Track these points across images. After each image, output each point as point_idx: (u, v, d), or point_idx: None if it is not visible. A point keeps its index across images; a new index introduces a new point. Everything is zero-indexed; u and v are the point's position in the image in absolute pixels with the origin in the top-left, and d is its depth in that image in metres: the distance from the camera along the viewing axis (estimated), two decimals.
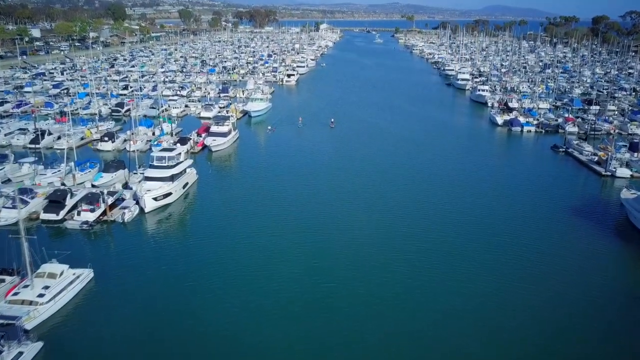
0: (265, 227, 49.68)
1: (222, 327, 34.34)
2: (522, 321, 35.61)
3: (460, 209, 55.59)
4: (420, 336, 34.07)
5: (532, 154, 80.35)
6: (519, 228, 51.02)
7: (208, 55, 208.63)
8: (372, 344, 33.05)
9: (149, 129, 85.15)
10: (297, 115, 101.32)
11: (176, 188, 55.66)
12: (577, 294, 39.19)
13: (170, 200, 54.55)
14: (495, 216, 53.92)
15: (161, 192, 53.08)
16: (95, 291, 38.05)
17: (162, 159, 56.13)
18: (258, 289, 38.89)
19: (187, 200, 56.99)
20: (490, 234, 49.64)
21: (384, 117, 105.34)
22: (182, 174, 57.80)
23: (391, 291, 39.00)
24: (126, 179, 59.57)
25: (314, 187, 61.31)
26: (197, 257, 43.72)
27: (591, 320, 36.13)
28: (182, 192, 57.22)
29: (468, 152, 79.14)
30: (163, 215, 52.45)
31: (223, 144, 76.22)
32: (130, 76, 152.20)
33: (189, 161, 60.64)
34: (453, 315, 36.29)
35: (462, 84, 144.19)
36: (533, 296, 38.65)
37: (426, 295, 38.70)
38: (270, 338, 33.40)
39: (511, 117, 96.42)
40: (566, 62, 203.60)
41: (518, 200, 58.51)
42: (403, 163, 72.25)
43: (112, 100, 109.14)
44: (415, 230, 49.79)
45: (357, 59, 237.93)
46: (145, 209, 51.83)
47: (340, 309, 36.65)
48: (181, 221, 52.45)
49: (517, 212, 55.15)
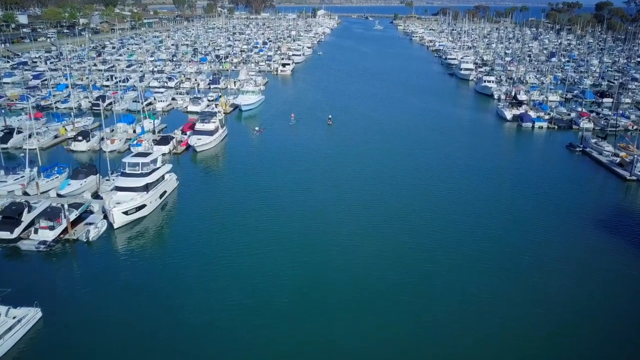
0: (254, 242, 43.49)
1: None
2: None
3: (467, 215, 49.62)
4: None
5: (546, 154, 73.83)
6: (531, 241, 45.05)
7: (201, 43, 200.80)
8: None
9: (130, 125, 78.55)
10: (291, 109, 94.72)
11: (152, 199, 49.18)
12: (604, 333, 33.27)
13: (144, 213, 48.07)
14: (504, 227, 47.78)
15: (133, 205, 46.57)
16: (43, 336, 31.77)
17: (135, 165, 49.63)
18: (248, 323, 32.84)
19: (165, 212, 50.50)
20: (498, 245, 43.76)
21: (385, 110, 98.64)
22: (159, 182, 51.30)
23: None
24: (97, 187, 53.10)
25: (310, 193, 54.89)
26: (175, 282, 37.59)
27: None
28: (159, 203, 50.73)
29: (475, 150, 72.74)
30: (136, 231, 46.07)
31: (209, 144, 69.51)
32: (117, 66, 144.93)
33: (167, 166, 54.10)
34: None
35: (465, 74, 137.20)
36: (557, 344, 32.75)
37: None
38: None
39: (521, 111, 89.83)
40: (571, 50, 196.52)
41: (531, 208, 52.41)
42: (405, 164, 65.74)
43: (94, 92, 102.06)
44: (420, 239, 43.76)
45: (355, 47, 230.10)
46: (115, 225, 45.43)
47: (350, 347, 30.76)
48: (157, 238, 46.09)
49: (529, 221, 49.11)
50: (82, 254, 42.04)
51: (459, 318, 34.39)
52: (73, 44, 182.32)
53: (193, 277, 38.44)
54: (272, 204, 52.02)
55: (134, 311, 34.32)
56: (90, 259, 41.34)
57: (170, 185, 54.00)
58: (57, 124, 78.20)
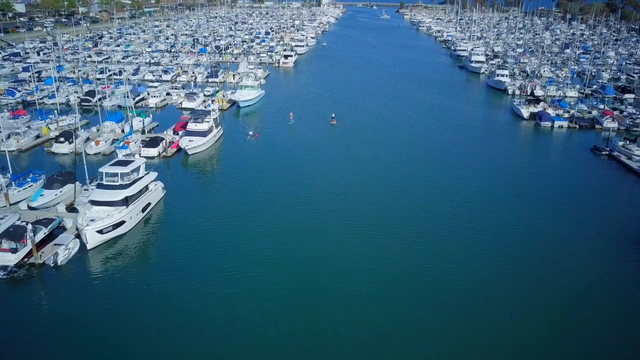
0: (248, 265, 38.19)
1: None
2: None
3: (482, 231, 43.95)
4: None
5: (569, 158, 67.55)
6: (558, 260, 39.56)
7: (202, 32, 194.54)
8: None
9: (118, 124, 73.07)
10: (292, 105, 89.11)
11: (132, 214, 43.79)
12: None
13: (123, 231, 42.64)
14: (522, 242, 42.22)
15: (110, 223, 41.15)
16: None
17: (113, 176, 44.22)
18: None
19: (148, 228, 45.04)
20: (516, 269, 38.26)
21: (392, 107, 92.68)
22: (142, 194, 45.90)
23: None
24: (74, 198, 47.71)
25: (312, 206, 49.34)
26: (158, 314, 32.37)
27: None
28: (141, 218, 45.34)
29: (489, 153, 66.92)
30: (112, 253, 40.73)
31: (202, 146, 63.87)
32: (112, 57, 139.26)
33: (151, 175, 48.51)
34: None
35: (476, 66, 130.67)
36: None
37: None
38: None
39: (538, 109, 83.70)
40: (585, 41, 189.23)
41: (554, 221, 46.85)
42: (414, 170, 60.09)
43: (85, 87, 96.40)
44: (431, 255, 38.28)
45: (360, 37, 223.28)
46: (88, 246, 40.07)
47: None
48: (137, 260, 40.55)
49: (551, 235, 43.52)
50: (48, 282, 36.75)
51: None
52: (69, 33, 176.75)
53: (179, 309, 33.18)
54: (269, 216, 46.63)
55: (106, 353, 29.13)
56: (57, 288, 36.00)
57: (156, 196, 48.55)
58: (40, 122, 72.82)
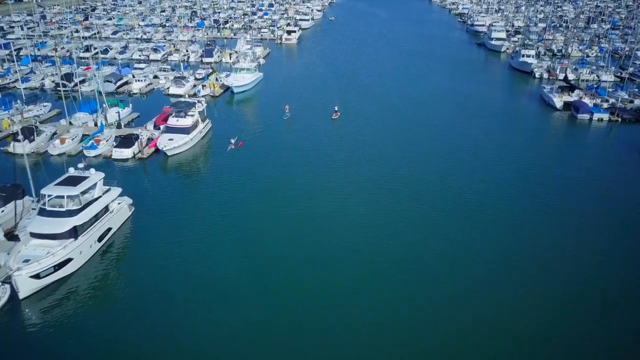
0: (246, 304, 29.55)
1: None
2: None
3: (512, 258, 34.86)
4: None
5: (613, 161, 57.19)
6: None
7: (201, 4, 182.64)
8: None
9: (92, 115, 63.86)
10: (292, 91, 79.48)
11: (84, 247, 34.81)
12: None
13: (70, 271, 33.66)
14: (560, 266, 33.19)
15: (50, 263, 32.17)
16: None
17: (58, 199, 35.22)
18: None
19: (106, 263, 35.97)
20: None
21: (404, 92, 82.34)
22: (99, 219, 36.95)
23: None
24: (16, 222, 38.76)
25: (310, 222, 40.46)
26: None
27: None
28: (97, 250, 36.38)
29: (516, 153, 56.86)
30: (54, 300, 31.93)
31: (184, 145, 54.43)
32: (102, 32, 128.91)
33: (113, 192, 39.31)
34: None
35: (497, 44, 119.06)
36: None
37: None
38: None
39: (574, 98, 73.26)
40: (611, 14, 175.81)
41: (597, 240, 37.66)
42: (427, 170, 50.58)
43: (64, 68, 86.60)
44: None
45: (370, 10, 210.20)
46: (20, 295, 31.25)
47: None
48: (88, 308, 31.42)
49: (595, 257, 34.39)
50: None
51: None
52: (60, 5, 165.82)
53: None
54: (258, 238, 37.92)
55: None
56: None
57: (119, 218, 39.48)
58: (3, 112, 63.74)
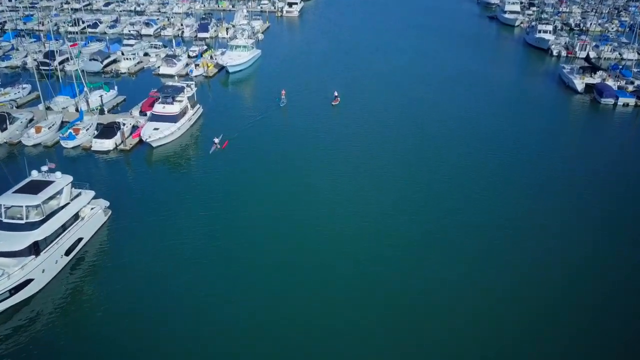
0: (237, 323, 25.41)
1: None
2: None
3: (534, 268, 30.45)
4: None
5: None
6: None
7: None
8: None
9: (73, 99, 58.79)
10: (291, 70, 74.24)
11: (47, 264, 30.40)
12: None
13: (30, 293, 29.38)
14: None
15: (5, 287, 27.86)
16: None
17: (16, 210, 30.63)
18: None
19: (75, 279, 31.54)
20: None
21: (411, 71, 76.80)
22: (67, 229, 32.41)
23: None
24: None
25: (308, 225, 35.98)
26: None
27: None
28: (63, 265, 31.97)
29: (534, 142, 51.96)
30: (11, 327, 27.77)
31: (170, 135, 49.44)
32: (93, 3, 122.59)
33: (84, 197, 34.71)
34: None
35: (510, 18, 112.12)
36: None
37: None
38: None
39: (597, 80, 67.59)
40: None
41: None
42: (434, 162, 45.75)
43: (48, 44, 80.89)
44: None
45: None
46: None
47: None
48: (52, 336, 27.53)
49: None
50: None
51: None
52: None
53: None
54: (251, 240, 33.44)
55: None
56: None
57: (92, 225, 34.94)
58: None
